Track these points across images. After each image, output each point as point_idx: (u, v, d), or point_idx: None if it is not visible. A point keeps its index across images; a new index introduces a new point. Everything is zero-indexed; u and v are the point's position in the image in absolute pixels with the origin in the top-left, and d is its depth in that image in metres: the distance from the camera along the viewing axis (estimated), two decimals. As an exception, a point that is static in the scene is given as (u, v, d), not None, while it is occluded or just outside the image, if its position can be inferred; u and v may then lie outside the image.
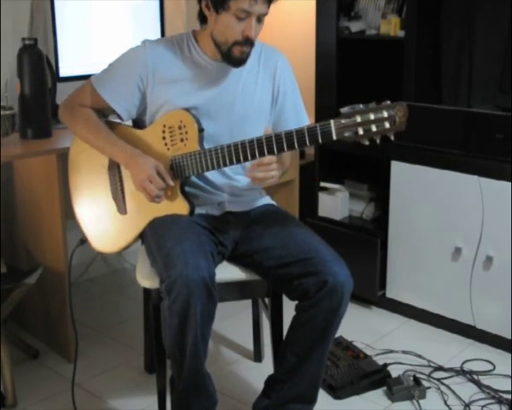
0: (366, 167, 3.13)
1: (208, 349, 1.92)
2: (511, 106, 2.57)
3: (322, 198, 3.16)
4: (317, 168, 3.16)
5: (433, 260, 2.79)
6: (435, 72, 2.90)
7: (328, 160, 3.15)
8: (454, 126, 2.67)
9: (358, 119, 1.80)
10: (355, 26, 3.01)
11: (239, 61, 1.99)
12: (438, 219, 2.75)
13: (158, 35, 3.01)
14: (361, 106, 1.81)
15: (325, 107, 3.10)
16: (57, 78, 2.69)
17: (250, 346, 2.62)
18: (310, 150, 3.40)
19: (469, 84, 2.83)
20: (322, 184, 3.15)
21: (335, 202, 3.13)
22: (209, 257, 1.87)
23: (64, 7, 2.69)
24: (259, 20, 1.95)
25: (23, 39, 2.46)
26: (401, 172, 2.82)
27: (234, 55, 1.97)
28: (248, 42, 1.95)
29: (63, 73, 2.72)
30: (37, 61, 2.44)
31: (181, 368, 1.89)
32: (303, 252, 1.94)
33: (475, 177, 2.61)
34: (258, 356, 2.59)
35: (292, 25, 3.66)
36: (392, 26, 2.87)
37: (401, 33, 2.83)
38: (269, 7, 1.94)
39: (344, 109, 3.02)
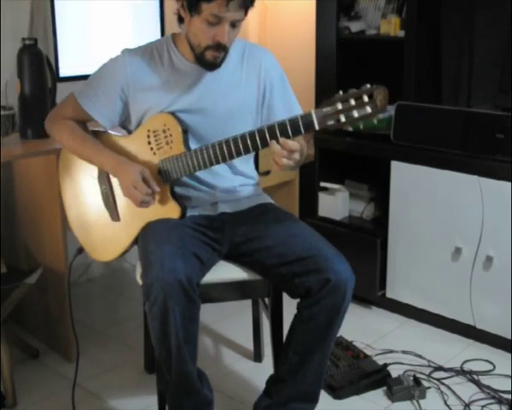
0: (366, 167, 3.13)
1: (208, 349, 1.92)
2: (511, 106, 2.57)
3: (322, 198, 3.16)
4: (317, 168, 3.16)
5: (433, 260, 2.79)
6: (435, 72, 2.90)
7: (328, 160, 3.15)
8: (454, 126, 2.66)
9: (339, 106, 1.75)
10: (355, 26, 3.01)
11: (212, 65, 1.98)
12: (438, 219, 2.75)
13: (158, 35, 3.02)
14: (341, 93, 1.77)
15: (325, 107, 3.10)
16: (57, 78, 2.68)
17: (250, 346, 2.61)
18: (310, 150, 3.40)
19: (469, 84, 2.83)
20: (322, 184, 3.14)
21: (335, 202, 3.13)
22: (190, 259, 1.86)
23: (64, 7, 2.69)
24: (234, 25, 1.90)
25: (23, 39, 2.46)
26: (401, 172, 2.82)
27: (206, 58, 1.96)
28: (221, 47, 1.92)
29: (63, 73, 2.72)
30: (37, 61, 2.44)
31: (169, 369, 1.90)
32: (304, 250, 1.93)
33: (475, 177, 2.61)
34: (258, 356, 2.59)
35: (292, 25, 3.66)
36: (392, 26, 2.87)
37: (401, 33, 2.84)
38: (245, 13, 1.90)
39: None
